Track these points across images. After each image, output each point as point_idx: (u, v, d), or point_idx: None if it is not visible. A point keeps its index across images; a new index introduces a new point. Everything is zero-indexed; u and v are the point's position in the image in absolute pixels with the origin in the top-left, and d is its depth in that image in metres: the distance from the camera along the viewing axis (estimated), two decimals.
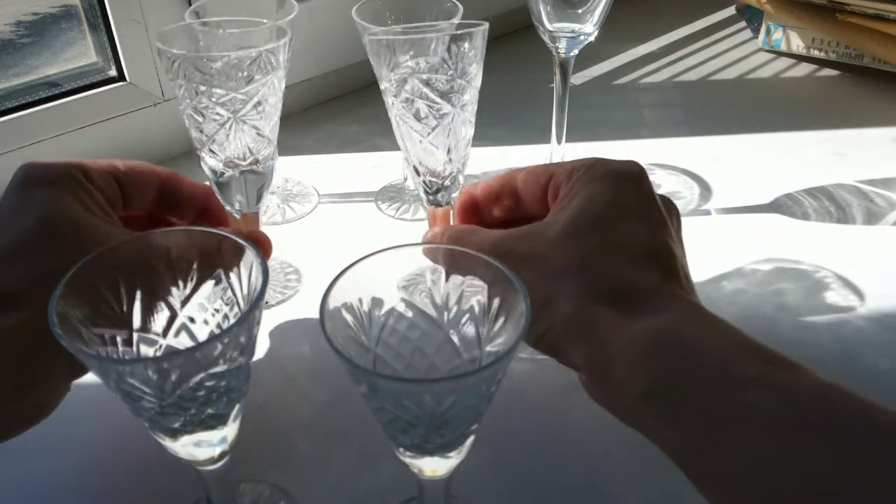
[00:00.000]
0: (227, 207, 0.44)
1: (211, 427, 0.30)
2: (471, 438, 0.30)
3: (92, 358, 0.27)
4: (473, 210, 0.43)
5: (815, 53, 0.85)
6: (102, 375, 0.28)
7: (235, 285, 0.32)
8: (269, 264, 0.49)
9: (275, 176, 0.46)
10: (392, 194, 0.64)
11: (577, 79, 0.84)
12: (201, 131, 0.40)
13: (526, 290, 0.28)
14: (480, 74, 0.41)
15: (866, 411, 0.27)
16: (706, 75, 0.85)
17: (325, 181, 0.66)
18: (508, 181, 0.41)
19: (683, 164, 0.68)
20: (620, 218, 0.36)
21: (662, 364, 0.31)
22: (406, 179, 0.65)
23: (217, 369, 0.28)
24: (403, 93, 0.40)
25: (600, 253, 0.35)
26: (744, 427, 0.28)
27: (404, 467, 0.31)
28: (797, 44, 0.86)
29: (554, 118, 0.59)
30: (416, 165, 0.44)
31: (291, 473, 0.41)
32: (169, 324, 0.33)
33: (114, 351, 0.31)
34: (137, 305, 0.32)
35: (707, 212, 0.62)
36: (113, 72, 0.66)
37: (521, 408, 0.44)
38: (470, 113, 0.42)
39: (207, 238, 0.33)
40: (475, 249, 0.31)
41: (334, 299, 0.29)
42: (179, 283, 0.33)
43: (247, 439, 0.41)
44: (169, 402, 0.27)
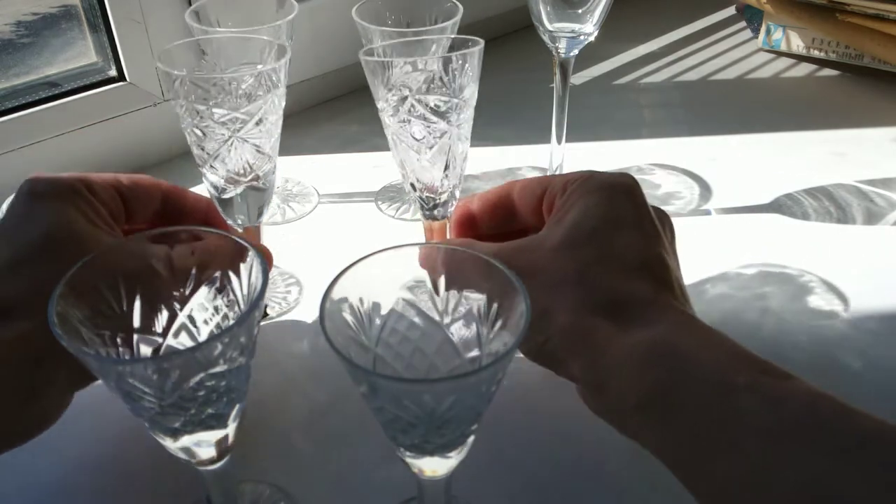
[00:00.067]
0: (229, 221, 0.45)
1: (211, 427, 0.30)
2: (471, 438, 0.30)
3: (92, 358, 0.27)
4: (470, 223, 0.44)
5: (815, 53, 0.85)
6: (102, 375, 0.28)
7: (235, 285, 0.32)
8: (269, 275, 0.50)
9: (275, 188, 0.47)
10: (392, 194, 0.64)
11: (577, 79, 0.84)
12: (202, 149, 0.41)
13: (526, 291, 0.28)
14: (476, 91, 0.42)
15: (854, 420, 0.28)
16: (706, 75, 0.85)
17: (325, 181, 0.66)
18: (504, 194, 0.42)
19: (683, 164, 0.68)
20: (615, 230, 0.36)
21: (657, 375, 0.31)
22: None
23: (217, 369, 0.28)
24: (401, 112, 0.41)
25: (596, 265, 0.35)
26: (736, 436, 0.29)
27: (404, 467, 0.31)
28: (797, 44, 0.86)
29: (554, 118, 0.59)
30: (414, 182, 0.44)
31: (291, 473, 0.41)
32: (169, 324, 0.33)
33: (114, 351, 0.31)
34: (137, 305, 0.32)
35: (707, 212, 0.62)
36: (113, 72, 0.66)
37: (521, 408, 0.44)
38: (466, 130, 0.43)
39: (208, 238, 0.33)
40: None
41: (334, 299, 0.29)
42: (179, 284, 0.33)
43: (247, 439, 0.42)
44: (169, 402, 0.27)
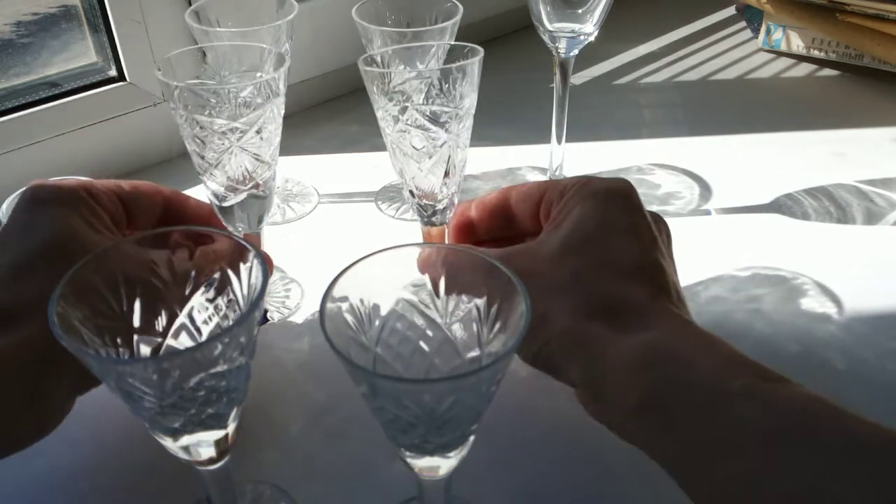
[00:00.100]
0: (230, 228, 0.45)
1: (211, 427, 0.30)
2: (471, 438, 0.30)
3: (92, 358, 0.27)
4: (468, 229, 0.44)
5: (815, 53, 0.85)
6: (102, 375, 0.28)
7: (235, 285, 0.32)
8: (270, 280, 0.50)
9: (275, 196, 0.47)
10: (392, 194, 0.64)
11: (577, 79, 0.84)
12: (202, 157, 0.41)
13: (526, 291, 0.28)
14: (476, 100, 0.42)
15: (848, 424, 0.28)
16: (706, 75, 0.85)
17: (325, 181, 0.66)
18: (501, 200, 0.42)
19: (683, 164, 0.68)
20: (611, 236, 0.37)
21: (654, 379, 0.32)
22: None
23: (217, 369, 0.28)
24: (400, 122, 0.41)
25: (593, 270, 0.36)
26: (731, 440, 0.29)
27: (404, 467, 0.31)
28: (797, 44, 0.86)
29: (554, 118, 0.59)
30: (412, 189, 0.44)
31: (291, 473, 0.41)
32: (169, 324, 0.33)
33: (114, 351, 0.31)
34: (137, 305, 0.32)
35: (707, 212, 0.62)
36: (113, 72, 0.66)
37: (522, 407, 0.44)
38: (465, 138, 0.43)
39: (208, 238, 0.33)
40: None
41: (334, 299, 0.29)
42: (179, 284, 0.33)
43: (247, 439, 0.42)
44: (169, 402, 0.27)
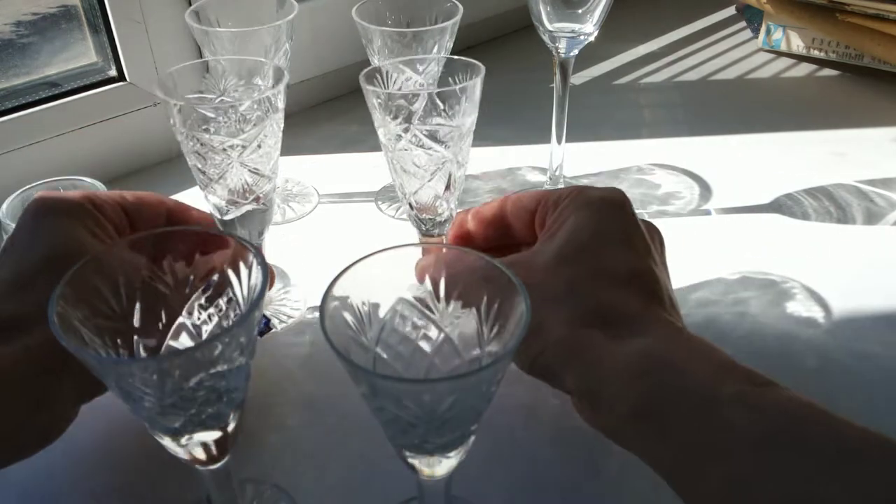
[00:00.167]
0: None
1: (211, 427, 0.30)
2: (471, 438, 0.30)
3: (92, 358, 0.27)
4: (465, 240, 0.45)
5: (815, 53, 0.85)
6: (102, 375, 0.28)
7: (235, 285, 0.32)
8: (273, 289, 0.51)
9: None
10: (392, 194, 0.64)
11: (577, 79, 0.84)
12: (203, 173, 0.42)
13: (525, 291, 0.28)
14: (476, 118, 0.42)
15: (836, 428, 0.29)
16: (706, 75, 0.85)
17: (325, 181, 0.66)
18: (497, 210, 0.44)
19: (683, 164, 0.68)
20: (605, 245, 0.37)
21: (647, 386, 0.32)
22: None
23: (217, 369, 0.28)
24: (402, 141, 0.41)
25: (587, 279, 0.36)
26: (721, 445, 0.30)
27: (404, 467, 0.31)
28: (797, 44, 0.86)
29: (554, 118, 0.59)
30: (412, 203, 0.44)
31: (291, 473, 0.41)
32: (169, 324, 0.33)
33: (114, 351, 0.31)
34: (137, 305, 0.32)
35: (707, 212, 0.62)
36: (113, 72, 0.66)
37: (521, 407, 0.44)
38: (466, 155, 0.43)
39: (208, 238, 0.33)
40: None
41: (334, 299, 0.29)
42: (180, 284, 0.33)
43: (247, 439, 0.42)
44: (169, 402, 0.27)
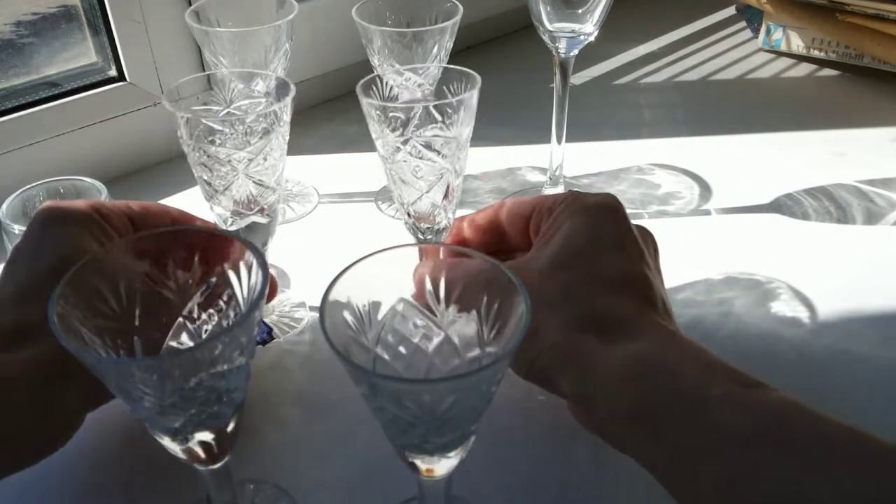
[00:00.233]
0: None
1: (211, 427, 0.30)
2: (471, 438, 0.30)
3: (92, 358, 0.27)
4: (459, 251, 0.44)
5: (815, 53, 0.85)
6: (102, 375, 0.28)
7: (235, 286, 0.32)
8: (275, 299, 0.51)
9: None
10: (392, 194, 0.64)
11: (577, 79, 0.84)
12: (209, 184, 0.42)
13: (525, 291, 0.28)
14: (473, 127, 0.43)
15: (822, 427, 0.30)
16: (706, 75, 0.85)
17: (325, 181, 0.66)
18: (492, 217, 0.44)
19: (683, 164, 0.68)
20: (599, 250, 0.38)
21: (642, 390, 0.33)
22: None
23: (217, 369, 0.28)
24: (401, 152, 0.42)
25: (582, 284, 0.37)
26: (711, 445, 0.30)
27: (404, 467, 0.31)
28: (797, 44, 0.86)
29: (554, 118, 0.59)
30: (410, 212, 0.45)
31: (291, 473, 0.41)
32: (169, 324, 0.33)
33: (114, 351, 0.31)
34: (137, 305, 0.32)
35: (707, 212, 0.62)
36: (113, 72, 0.66)
37: (522, 407, 0.44)
38: (463, 164, 0.44)
39: (208, 238, 0.33)
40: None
41: (334, 299, 0.29)
42: (180, 283, 0.33)
43: (247, 439, 0.42)
44: (169, 402, 0.27)
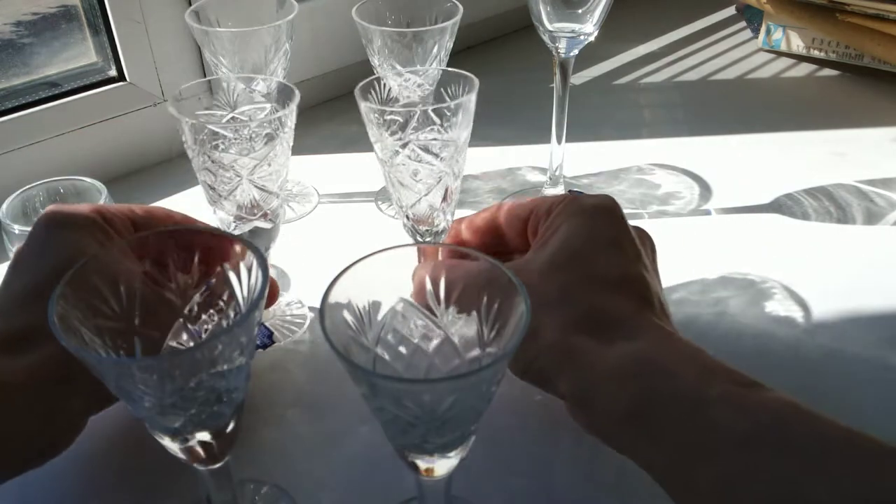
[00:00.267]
0: None
1: (211, 427, 0.30)
2: (471, 438, 0.30)
3: (92, 358, 0.27)
4: (459, 252, 0.45)
5: (815, 53, 0.85)
6: (102, 375, 0.28)
7: (235, 286, 0.32)
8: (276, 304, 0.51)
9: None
10: (391, 197, 0.64)
11: (577, 79, 0.84)
12: (213, 189, 0.42)
13: (526, 291, 0.28)
14: (471, 130, 0.43)
15: (818, 427, 0.30)
16: (706, 75, 0.85)
17: (325, 181, 0.66)
18: (490, 219, 0.44)
19: (683, 164, 0.68)
20: (597, 251, 0.38)
21: (639, 389, 0.33)
22: None
23: (217, 369, 0.28)
24: (400, 156, 0.42)
25: (579, 285, 0.37)
26: (708, 446, 0.31)
27: (404, 467, 0.31)
28: (797, 44, 0.86)
29: (554, 118, 0.59)
30: (409, 215, 0.45)
31: (291, 473, 0.41)
32: (169, 324, 0.33)
33: (114, 351, 0.31)
34: (137, 305, 0.32)
35: (707, 212, 0.62)
36: (113, 72, 0.66)
37: (522, 407, 0.44)
38: (461, 167, 0.44)
39: (208, 238, 0.33)
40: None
41: (334, 299, 0.29)
42: (180, 283, 0.33)
43: (247, 439, 0.42)
44: (169, 402, 0.27)
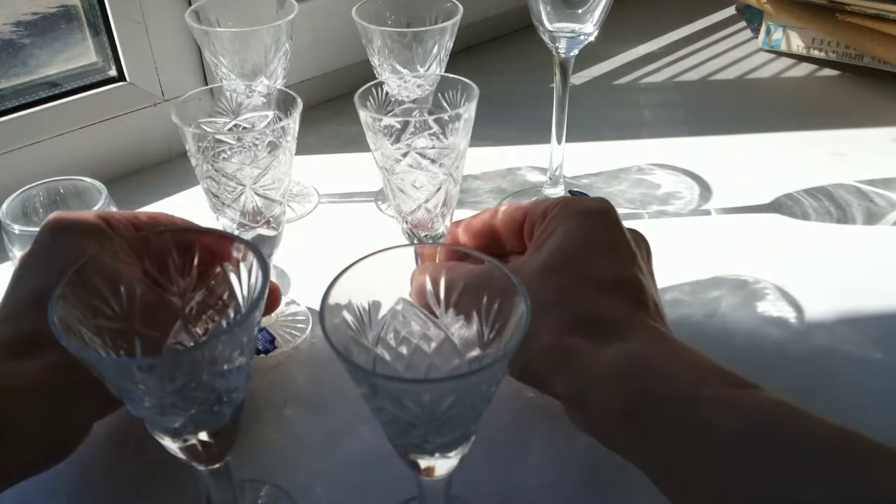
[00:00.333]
0: None
1: (211, 427, 0.30)
2: (471, 438, 0.30)
3: (92, 358, 0.27)
4: (459, 252, 0.45)
5: (815, 53, 0.85)
6: (102, 375, 0.28)
7: (235, 285, 0.32)
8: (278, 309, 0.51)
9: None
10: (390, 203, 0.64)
11: (577, 79, 0.84)
12: (216, 196, 0.43)
13: (525, 291, 0.28)
14: (470, 137, 0.43)
15: (813, 428, 0.30)
16: (706, 75, 0.85)
17: (325, 181, 0.66)
18: (487, 222, 0.45)
19: (683, 164, 0.68)
20: (592, 254, 0.38)
21: (633, 390, 0.33)
22: None
23: (217, 369, 0.28)
24: (400, 164, 0.42)
25: (575, 287, 0.37)
26: (702, 446, 0.31)
27: (404, 467, 0.31)
28: (797, 44, 0.86)
29: (554, 118, 0.59)
30: (408, 219, 0.45)
31: (291, 473, 0.41)
32: (169, 324, 0.33)
33: (114, 351, 0.31)
34: (137, 305, 0.32)
35: (707, 212, 0.62)
36: (113, 72, 0.66)
37: (522, 407, 0.44)
38: (460, 173, 0.44)
39: (208, 238, 0.33)
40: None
41: (334, 299, 0.29)
42: (180, 283, 0.33)
43: (247, 439, 0.42)
44: (169, 402, 0.27)
